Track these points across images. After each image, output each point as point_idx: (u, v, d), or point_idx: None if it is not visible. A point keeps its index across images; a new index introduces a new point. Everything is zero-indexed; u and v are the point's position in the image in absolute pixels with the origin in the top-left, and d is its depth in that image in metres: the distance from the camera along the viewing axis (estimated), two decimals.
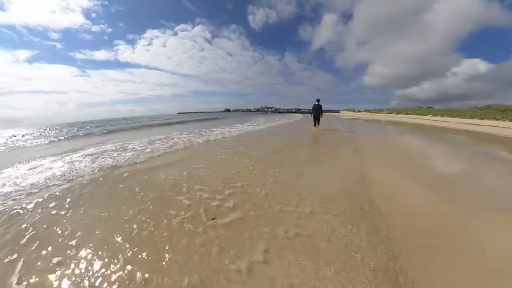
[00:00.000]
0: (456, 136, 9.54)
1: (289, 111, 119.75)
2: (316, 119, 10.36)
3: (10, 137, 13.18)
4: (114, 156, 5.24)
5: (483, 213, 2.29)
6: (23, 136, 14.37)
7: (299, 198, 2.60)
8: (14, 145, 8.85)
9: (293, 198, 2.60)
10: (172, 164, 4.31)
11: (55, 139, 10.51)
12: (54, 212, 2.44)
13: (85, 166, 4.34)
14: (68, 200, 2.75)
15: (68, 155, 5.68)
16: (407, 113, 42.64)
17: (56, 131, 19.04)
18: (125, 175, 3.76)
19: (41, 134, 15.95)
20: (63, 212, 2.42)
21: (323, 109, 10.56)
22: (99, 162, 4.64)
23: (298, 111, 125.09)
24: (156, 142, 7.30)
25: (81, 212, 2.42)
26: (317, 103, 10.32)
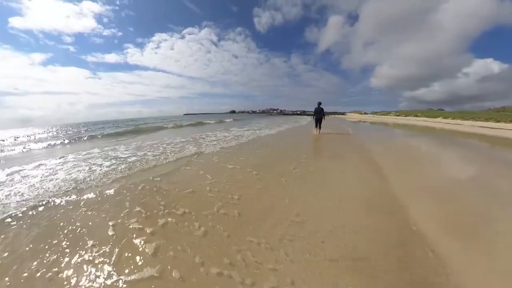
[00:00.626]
0: (475, 141, 8.59)
1: (294, 113, 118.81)
2: (318, 122, 10.19)
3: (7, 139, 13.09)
4: (89, 166, 4.76)
5: None
6: (26, 136, 14.32)
7: (259, 255, 1.65)
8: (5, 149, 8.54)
9: (245, 252, 1.68)
10: (135, 176, 3.78)
11: (53, 142, 10.18)
12: None
13: (46, 182, 3.73)
14: None
15: (46, 161, 5.30)
16: (416, 116, 40.96)
17: (62, 132, 19.38)
18: (79, 188, 3.30)
19: (46, 134, 15.97)
20: None
21: (325, 111, 10.39)
22: (66, 175, 4.08)
23: (303, 113, 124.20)
24: (145, 147, 6.85)
25: None
26: (318, 106, 10.15)
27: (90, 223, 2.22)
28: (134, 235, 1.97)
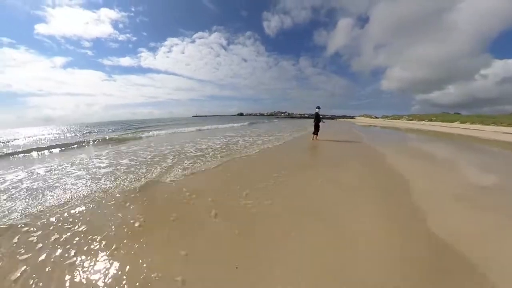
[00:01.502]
0: (501, 150, 7.46)
1: (302, 116, 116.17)
2: (315, 128, 9.71)
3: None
4: (49, 182, 4.24)
5: None
6: (32, 137, 14.04)
7: None
8: None
9: None
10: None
11: (54, 143, 9.82)
12: None
13: None
14: None
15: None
16: (431, 120, 38.87)
17: (73, 132, 19.66)
18: None
19: (52, 136, 15.83)
20: None
21: (334, 114, 11.58)
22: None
23: (312, 116, 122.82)
24: (124, 158, 6.29)
25: None
26: (316, 111, 9.73)
27: None
28: None
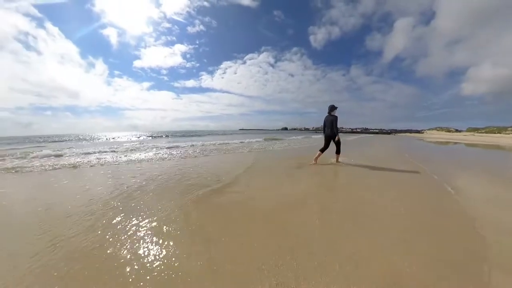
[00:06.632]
0: None
1: (353, 131, 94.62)
2: (328, 142, 4.85)
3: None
4: None
5: None
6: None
7: None
8: None
9: None
10: None
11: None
12: None
13: None
14: None
15: None
16: None
17: (146, 137, 25.23)
18: None
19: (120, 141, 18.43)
20: None
21: (396, 128, 18.23)
22: None
23: (365, 130, 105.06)
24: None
25: None
26: (329, 113, 4.85)
27: None
28: None
